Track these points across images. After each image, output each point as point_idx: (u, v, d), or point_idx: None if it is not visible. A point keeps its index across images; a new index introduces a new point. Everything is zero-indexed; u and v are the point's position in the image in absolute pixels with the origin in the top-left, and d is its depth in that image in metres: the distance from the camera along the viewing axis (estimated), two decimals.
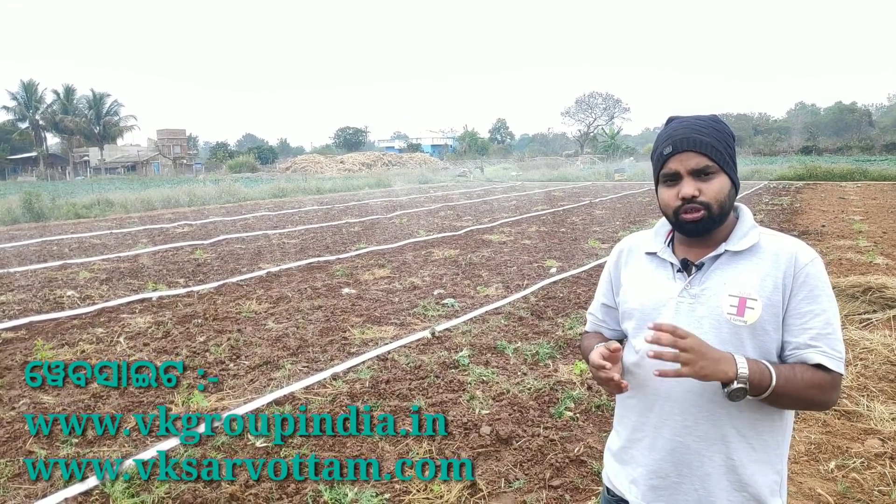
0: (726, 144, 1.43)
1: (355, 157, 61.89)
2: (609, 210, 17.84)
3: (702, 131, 1.40)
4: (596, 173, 39.33)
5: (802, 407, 1.43)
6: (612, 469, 1.62)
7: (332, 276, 8.63)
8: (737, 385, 1.27)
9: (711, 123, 1.43)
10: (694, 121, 1.44)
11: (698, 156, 1.39)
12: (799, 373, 1.33)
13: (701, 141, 1.39)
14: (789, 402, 1.37)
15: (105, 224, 17.02)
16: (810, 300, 1.36)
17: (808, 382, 1.32)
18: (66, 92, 66.37)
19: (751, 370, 1.28)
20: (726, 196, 1.41)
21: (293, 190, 29.29)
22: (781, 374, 1.31)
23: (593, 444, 3.57)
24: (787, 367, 1.34)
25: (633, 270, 1.58)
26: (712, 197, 1.39)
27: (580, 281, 7.99)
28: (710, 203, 1.39)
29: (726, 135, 1.44)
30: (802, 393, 1.33)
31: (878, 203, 17.88)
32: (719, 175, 1.40)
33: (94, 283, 8.47)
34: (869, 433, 3.70)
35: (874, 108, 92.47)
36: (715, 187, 1.39)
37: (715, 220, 1.40)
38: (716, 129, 1.42)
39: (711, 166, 1.39)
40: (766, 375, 1.30)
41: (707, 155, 1.39)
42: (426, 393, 4.35)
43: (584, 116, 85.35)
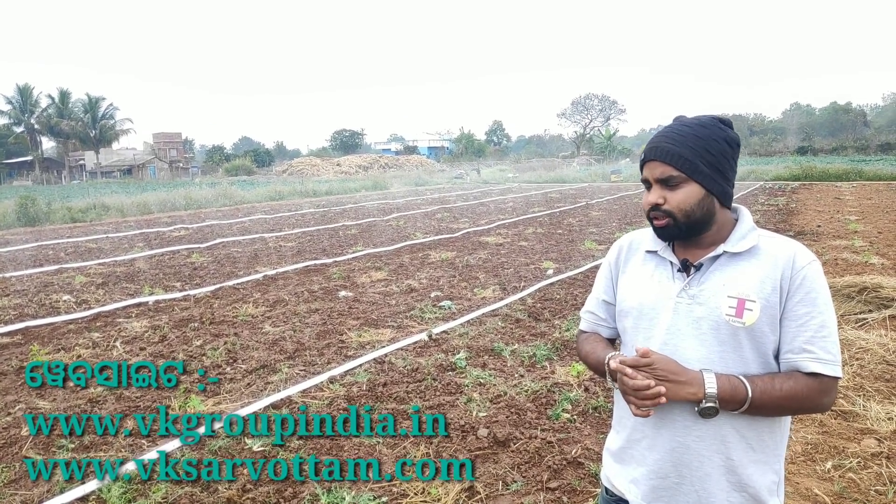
0: (705, 151, 1.40)
1: (352, 160, 61.86)
2: (605, 211, 17.86)
3: (674, 139, 1.41)
4: (592, 175, 39.34)
5: (791, 413, 1.45)
6: (611, 469, 1.62)
7: (328, 279, 8.62)
8: (705, 404, 1.33)
9: (693, 130, 1.42)
10: (676, 126, 1.45)
11: (662, 165, 1.42)
12: (778, 384, 1.34)
13: (666, 150, 1.41)
14: (772, 412, 1.39)
15: (101, 228, 16.98)
16: (806, 303, 1.36)
17: (788, 393, 1.34)
18: (61, 96, 66.16)
19: (721, 388, 1.33)
20: (693, 205, 1.41)
21: (290, 193, 29.29)
22: (757, 387, 1.34)
23: (591, 446, 3.57)
24: (767, 378, 1.36)
25: (632, 268, 1.58)
26: (675, 206, 1.42)
27: (577, 282, 8.00)
28: (673, 212, 1.42)
29: (710, 141, 1.41)
30: (783, 403, 1.35)
31: (874, 203, 17.93)
32: (686, 184, 1.41)
33: (90, 287, 8.45)
34: (865, 433, 3.71)
35: (869, 108, 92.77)
36: (678, 197, 1.41)
37: (681, 228, 1.43)
38: (696, 137, 1.41)
39: (676, 176, 1.41)
40: (739, 391, 1.33)
41: (672, 165, 1.41)
42: (423, 396, 4.35)
43: (580, 118, 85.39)
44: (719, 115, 1.48)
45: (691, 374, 1.35)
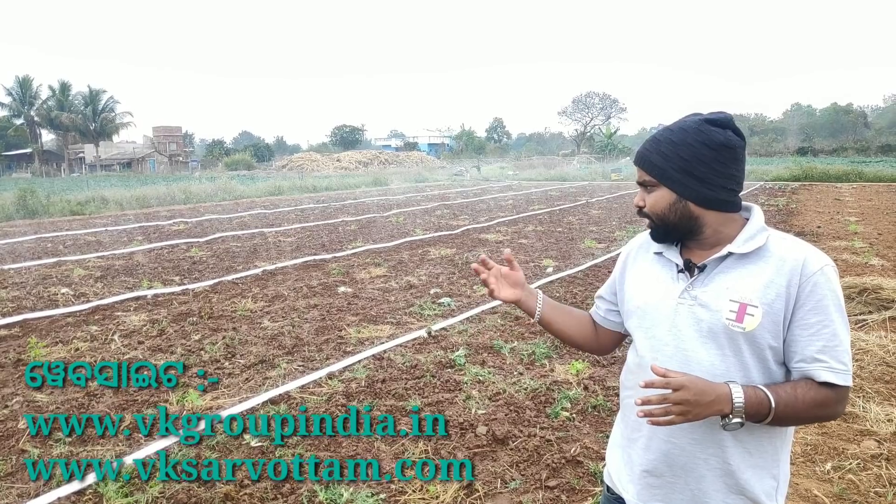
0: (677, 157, 1.40)
1: (352, 156, 61.83)
2: (605, 210, 17.84)
3: (650, 146, 1.47)
4: (592, 173, 39.33)
5: (806, 423, 1.44)
6: (612, 467, 1.63)
7: (328, 274, 8.60)
8: (733, 420, 1.28)
9: (671, 135, 1.42)
10: (658, 133, 1.48)
11: (640, 170, 1.49)
12: (801, 394, 1.31)
13: (641, 156, 1.48)
14: (792, 422, 1.39)
15: (100, 221, 16.95)
16: (818, 311, 1.32)
17: (811, 402, 1.31)
18: (61, 88, 66.02)
19: (748, 402, 1.27)
20: (665, 209, 1.44)
21: (289, 188, 29.24)
22: (781, 399, 1.29)
23: (590, 445, 3.56)
24: (789, 389, 1.32)
25: (640, 268, 1.58)
26: (650, 209, 1.48)
27: (577, 281, 7.99)
28: (650, 214, 1.48)
29: (683, 146, 1.39)
30: (805, 413, 1.33)
31: (874, 204, 17.92)
32: (657, 189, 1.45)
33: (88, 280, 8.43)
34: (865, 434, 3.70)
35: (870, 109, 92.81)
36: (651, 200, 1.48)
37: (660, 231, 1.48)
38: (671, 143, 1.41)
39: (649, 181, 1.47)
40: (764, 405, 1.29)
41: (645, 170, 1.47)
42: (422, 392, 4.34)
43: (580, 116, 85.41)
44: (715, 113, 1.43)
45: (719, 389, 1.27)
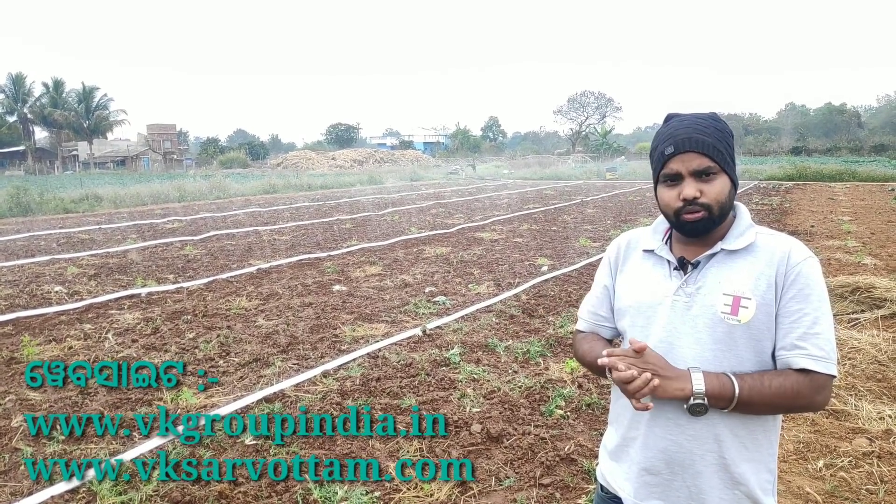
0: (727, 144, 1.42)
1: (347, 154, 61.70)
2: (600, 209, 17.88)
3: (704, 131, 1.39)
4: (587, 172, 39.40)
5: (784, 411, 1.44)
6: (606, 466, 1.62)
7: (322, 273, 8.59)
8: (693, 401, 1.33)
9: (713, 123, 1.43)
10: (695, 120, 1.43)
11: (700, 157, 1.38)
12: (767, 381, 1.33)
13: (703, 141, 1.38)
14: (764, 409, 1.37)
15: (94, 219, 16.87)
16: (800, 299, 1.36)
17: (777, 391, 1.33)
18: (55, 85, 65.77)
19: (709, 385, 1.32)
20: (727, 197, 1.42)
21: (284, 186, 29.17)
22: (746, 384, 1.33)
23: (584, 443, 3.58)
24: (757, 376, 1.35)
25: (630, 267, 1.58)
26: (713, 198, 1.39)
27: (571, 279, 8.00)
28: (711, 205, 1.39)
29: (727, 134, 1.43)
30: (773, 400, 1.34)
31: (867, 204, 18.02)
32: (720, 176, 1.40)
33: (82, 278, 8.39)
34: (857, 432, 3.73)
35: (863, 109, 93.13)
36: (716, 188, 1.39)
37: (715, 221, 1.41)
38: (717, 129, 1.42)
39: (713, 167, 1.39)
40: (727, 388, 1.32)
41: (709, 156, 1.38)
42: (417, 391, 4.34)
43: (576, 115, 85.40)
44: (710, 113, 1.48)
45: (679, 370, 1.35)
